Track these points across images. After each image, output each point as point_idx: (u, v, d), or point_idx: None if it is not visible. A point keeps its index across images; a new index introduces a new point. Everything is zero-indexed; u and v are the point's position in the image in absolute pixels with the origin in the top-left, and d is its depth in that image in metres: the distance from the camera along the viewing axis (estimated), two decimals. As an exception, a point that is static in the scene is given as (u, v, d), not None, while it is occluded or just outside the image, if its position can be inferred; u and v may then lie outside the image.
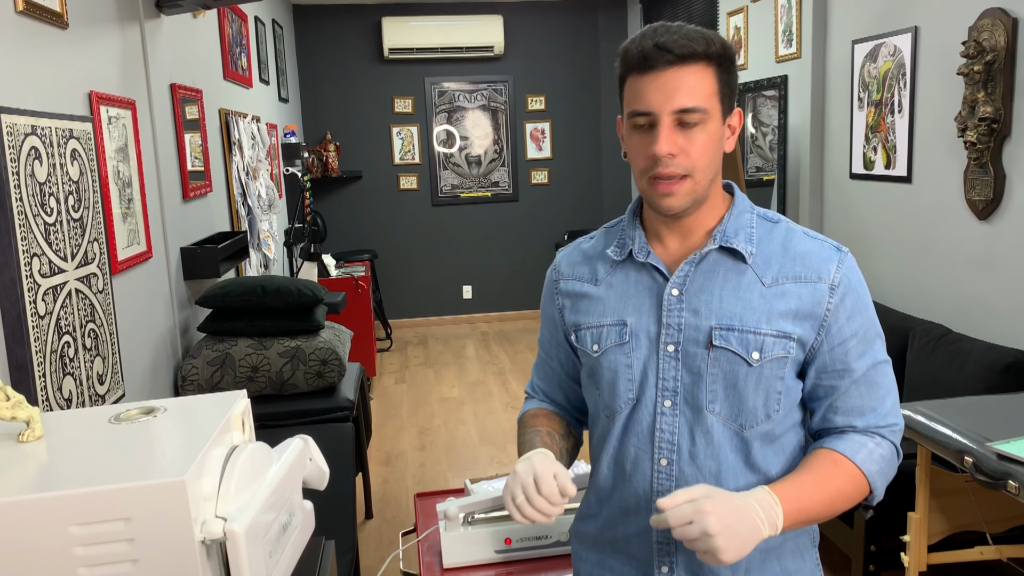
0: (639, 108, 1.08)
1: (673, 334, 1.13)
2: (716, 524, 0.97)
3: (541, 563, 1.63)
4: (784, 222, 1.17)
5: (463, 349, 6.15)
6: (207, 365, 2.60)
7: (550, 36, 6.74)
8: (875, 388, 1.13)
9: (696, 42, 1.06)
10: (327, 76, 6.52)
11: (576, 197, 7.00)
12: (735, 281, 1.12)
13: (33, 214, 1.69)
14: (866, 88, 3.55)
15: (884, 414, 1.13)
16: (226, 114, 3.57)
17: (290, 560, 1.16)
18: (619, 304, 1.18)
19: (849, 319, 1.11)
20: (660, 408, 1.14)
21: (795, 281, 1.11)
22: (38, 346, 1.67)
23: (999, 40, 2.69)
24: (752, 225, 1.16)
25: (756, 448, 1.12)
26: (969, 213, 2.96)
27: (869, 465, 1.10)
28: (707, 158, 1.09)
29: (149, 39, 2.63)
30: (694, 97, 1.06)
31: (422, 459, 4.04)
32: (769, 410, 1.12)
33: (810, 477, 1.09)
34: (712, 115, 1.08)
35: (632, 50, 1.09)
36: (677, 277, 1.14)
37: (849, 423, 1.13)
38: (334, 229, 6.64)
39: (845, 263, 1.12)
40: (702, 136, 1.08)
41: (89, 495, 0.92)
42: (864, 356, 1.12)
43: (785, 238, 1.15)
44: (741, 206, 1.18)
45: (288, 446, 1.21)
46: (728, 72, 1.11)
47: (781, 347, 1.10)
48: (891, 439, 1.13)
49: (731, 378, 1.11)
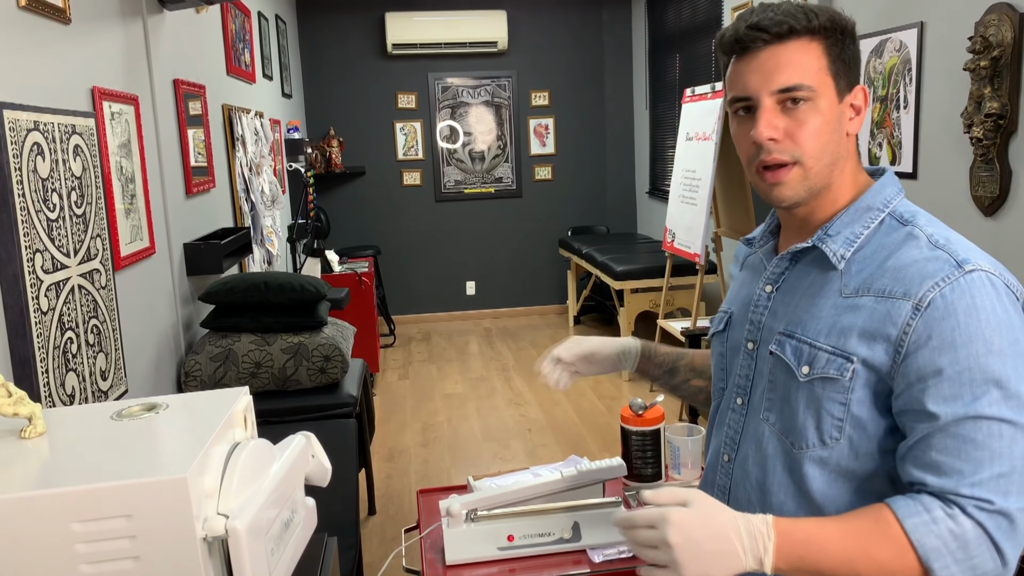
0: (737, 93, 1.00)
1: (754, 332, 1.09)
2: (676, 535, 0.88)
3: (544, 560, 1.63)
4: (913, 226, 0.99)
5: (466, 345, 6.15)
6: (210, 361, 2.60)
7: (554, 31, 6.73)
8: (970, 447, 0.88)
9: (794, 17, 0.97)
10: (330, 72, 6.51)
11: (580, 193, 6.99)
12: (819, 287, 1.02)
13: (36, 210, 1.68)
14: (871, 84, 3.54)
15: (974, 482, 0.87)
16: (229, 110, 3.56)
17: (292, 557, 1.16)
18: (736, 292, 1.18)
19: (936, 351, 0.90)
20: (732, 404, 1.12)
21: (877, 295, 0.95)
22: (40, 342, 1.67)
23: (1006, 35, 2.67)
24: (867, 225, 1.01)
25: (812, 475, 1.00)
26: (975, 209, 2.94)
27: (923, 536, 0.87)
28: (820, 142, 0.98)
29: (152, 34, 2.62)
30: (796, 75, 0.96)
31: (425, 455, 4.04)
32: (824, 435, 0.98)
33: (835, 526, 0.92)
34: (822, 93, 0.97)
35: (726, 35, 1.02)
36: (772, 274, 1.09)
37: (921, 479, 0.91)
38: (337, 225, 6.63)
39: (954, 282, 0.91)
40: (811, 117, 0.97)
41: (91, 492, 0.92)
42: (954, 402, 0.89)
43: (899, 245, 0.98)
44: (870, 200, 1.02)
45: (290, 443, 1.21)
46: (841, 46, 0.99)
47: (835, 367, 0.96)
48: (976, 517, 0.87)
49: (784, 390, 1.02)
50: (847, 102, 1.01)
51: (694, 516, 0.90)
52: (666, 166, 6.18)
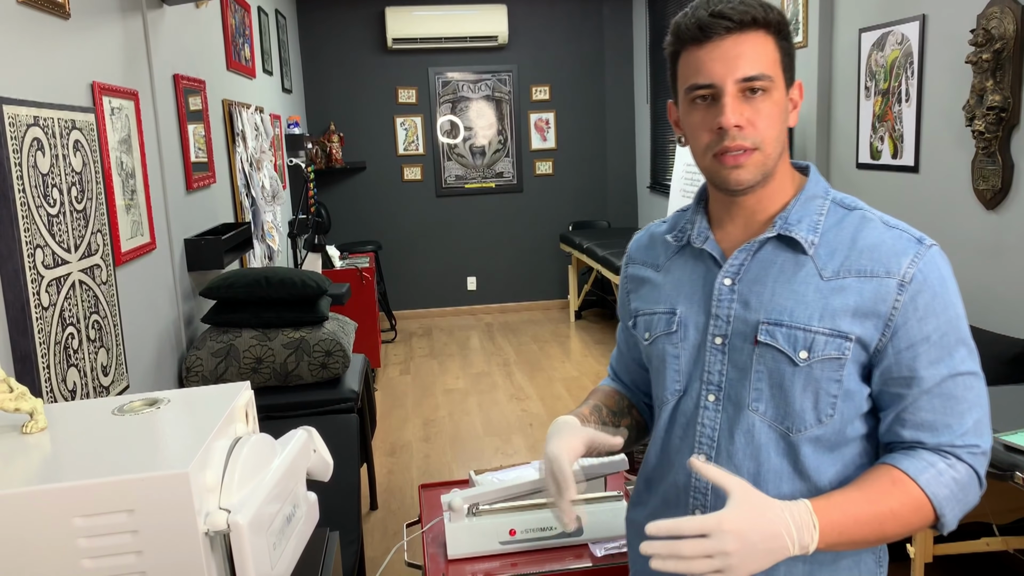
0: (699, 81, 1.01)
1: (721, 326, 1.08)
2: (734, 543, 0.90)
3: (546, 554, 1.63)
4: (862, 210, 1.07)
5: (467, 340, 6.15)
6: (211, 356, 2.60)
7: (554, 25, 6.71)
8: (952, 402, 1.00)
9: (754, 8, 1.00)
10: (330, 66, 6.50)
11: (581, 188, 6.98)
12: (791, 273, 1.04)
13: (36, 205, 1.68)
14: (873, 77, 3.53)
15: (962, 433, 1.00)
16: (229, 105, 3.56)
17: (294, 552, 1.16)
18: (673, 292, 1.14)
19: (922, 321, 0.99)
20: (703, 402, 1.10)
21: (859, 275, 1.01)
22: (42, 338, 1.67)
23: (1008, 28, 2.67)
24: (821, 212, 1.06)
25: (807, 454, 1.04)
26: (977, 203, 2.94)
27: (936, 488, 0.98)
28: (775, 130, 1.02)
29: (152, 29, 2.62)
30: (759, 64, 1.00)
31: (427, 450, 4.04)
32: (820, 414, 1.03)
33: (859, 495, 0.98)
34: (777, 84, 1.02)
35: (685, 23, 1.02)
36: (731, 266, 1.08)
37: (917, 439, 1.01)
38: (338, 220, 6.63)
39: (924, 257, 1.00)
40: (768, 106, 1.01)
41: (93, 487, 0.92)
42: (939, 364, 1.00)
43: (857, 227, 1.04)
44: (813, 190, 1.09)
45: (292, 438, 1.21)
46: (788, 41, 1.04)
47: (835, 347, 1.00)
48: (969, 461, 1.00)
49: (776, 377, 1.04)
50: (790, 95, 1.06)
51: (747, 517, 0.92)
52: (667, 160, 6.17)
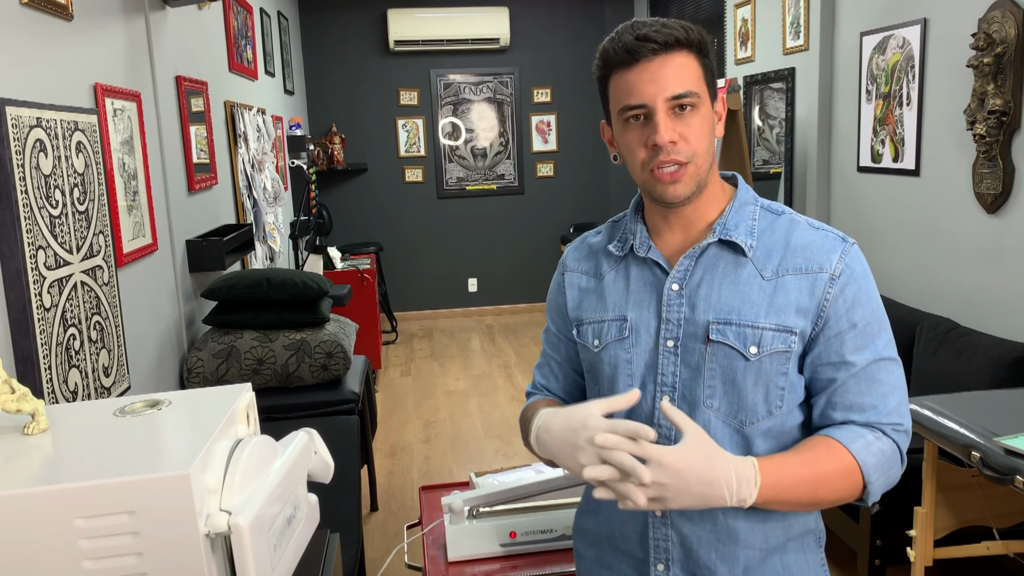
0: (631, 102, 1.08)
1: (673, 329, 1.13)
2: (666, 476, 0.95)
3: (546, 556, 1.63)
4: (788, 214, 1.16)
5: (468, 342, 6.15)
6: (212, 358, 2.60)
7: (556, 28, 6.72)
8: (876, 385, 1.09)
9: (676, 30, 1.07)
10: (332, 68, 6.51)
11: (582, 190, 6.98)
12: (734, 275, 1.11)
13: (38, 206, 1.69)
14: (874, 80, 3.53)
15: (887, 412, 1.09)
16: (231, 106, 3.56)
17: (295, 553, 1.16)
18: (620, 299, 1.19)
19: (849, 310, 1.08)
20: (658, 404, 1.13)
21: (796, 273, 1.09)
22: (43, 338, 1.67)
23: (1009, 32, 2.67)
24: (754, 217, 1.15)
25: (759, 445, 1.11)
26: (978, 206, 2.94)
27: (865, 456, 1.06)
28: (705, 143, 1.09)
29: (154, 31, 2.62)
30: (685, 83, 1.06)
31: (427, 452, 4.04)
32: (771, 406, 1.10)
33: (798, 458, 1.05)
34: (703, 99, 1.08)
35: (613, 47, 1.09)
36: (677, 272, 1.14)
37: (848, 418, 1.09)
38: (339, 222, 6.64)
39: (849, 253, 1.10)
40: (698, 120, 1.08)
41: (94, 488, 0.92)
42: (864, 350, 1.08)
43: (788, 230, 1.13)
44: (743, 198, 1.17)
45: (293, 439, 1.21)
46: (708, 59, 1.11)
47: (781, 341, 1.08)
48: (893, 437, 1.09)
49: (729, 373, 1.10)
50: (715, 109, 1.13)
51: (688, 459, 0.96)
52: (668, 163, 6.17)
